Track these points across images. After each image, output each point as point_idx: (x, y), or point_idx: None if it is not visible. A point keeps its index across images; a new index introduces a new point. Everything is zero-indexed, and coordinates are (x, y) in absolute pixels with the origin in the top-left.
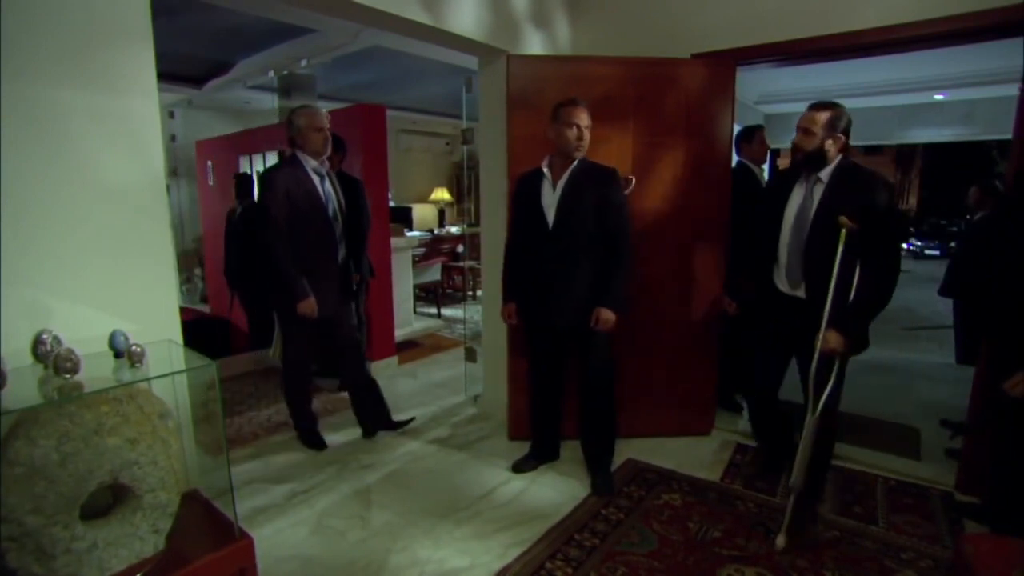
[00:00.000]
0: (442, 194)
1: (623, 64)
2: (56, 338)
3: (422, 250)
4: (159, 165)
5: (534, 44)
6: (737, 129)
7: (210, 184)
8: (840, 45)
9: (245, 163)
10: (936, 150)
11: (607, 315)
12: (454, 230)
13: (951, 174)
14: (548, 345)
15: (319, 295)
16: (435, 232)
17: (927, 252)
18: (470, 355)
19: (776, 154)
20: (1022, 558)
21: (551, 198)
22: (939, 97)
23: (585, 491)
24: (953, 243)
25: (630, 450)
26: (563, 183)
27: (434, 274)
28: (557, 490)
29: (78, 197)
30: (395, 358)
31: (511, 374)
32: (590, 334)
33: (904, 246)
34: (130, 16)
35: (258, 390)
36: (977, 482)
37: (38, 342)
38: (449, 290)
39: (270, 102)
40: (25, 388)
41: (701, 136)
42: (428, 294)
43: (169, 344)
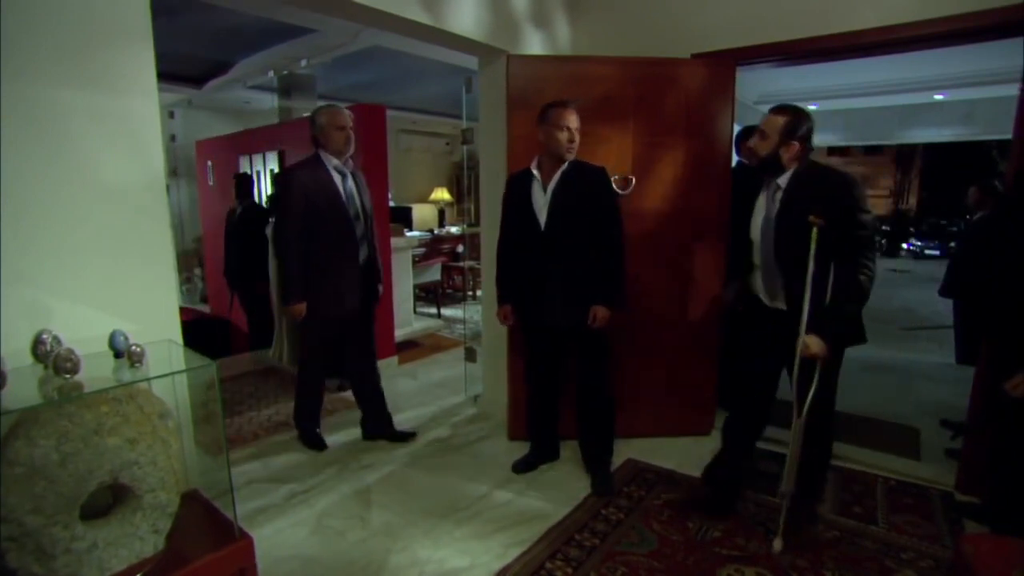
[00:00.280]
0: (442, 194)
1: (623, 64)
2: (56, 338)
3: (422, 250)
4: (159, 165)
5: (534, 44)
6: (737, 129)
7: (210, 184)
8: (840, 45)
9: (245, 163)
10: (936, 150)
11: (604, 312)
12: (454, 230)
13: (951, 174)
14: (545, 345)
15: (337, 295)
16: (435, 232)
17: (927, 252)
18: (470, 355)
19: None
20: (1022, 558)
21: (542, 200)
22: (939, 97)
23: (585, 491)
24: (953, 243)
25: (630, 450)
26: (554, 185)
27: (434, 274)
28: (557, 490)
29: (78, 197)
30: (395, 358)
31: (511, 374)
32: (586, 334)
33: (904, 246)
34: (130, 16)
35: (258, 390)
36: (977, 482)
37: (38, 342)
38: (449, 290)
39: (270, 102)
40: (25, 388)
41: (701, 136)
42: (428, 294)
43: (169, 344)
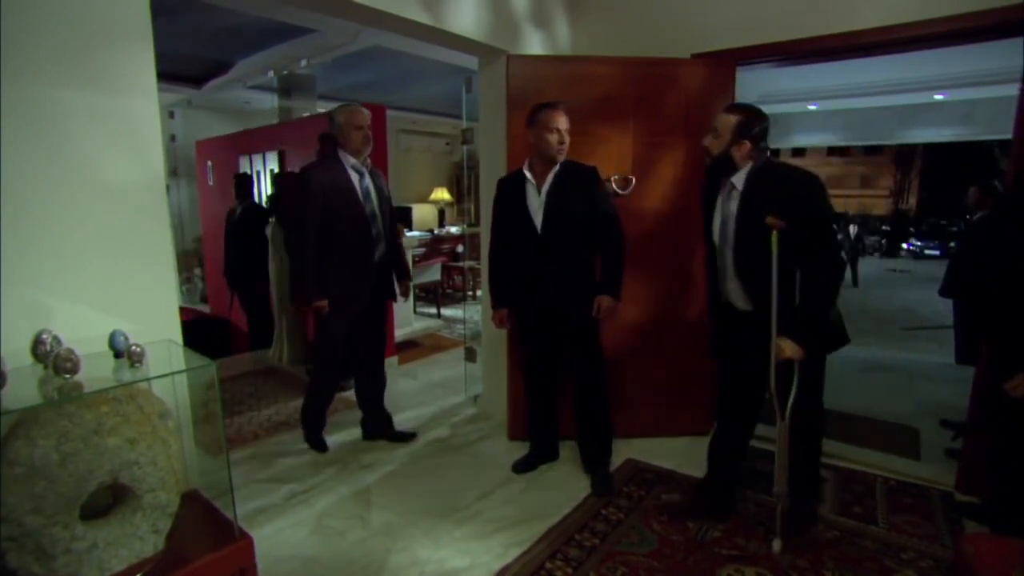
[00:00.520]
0: (442, 194)
1: (623, 64)
2: (56, 338)
3: (422, 250)
4: (159, 165)
5: (534, 44)
6: None
7: (210, 184)
8: (840, 45)
9: (245, 163)
10: (936, 150)
11: (609, 302)
12: (454, 230)
13: (951, 174)
14: (543, 345)
15: (353, 294)
16: (435, 232)
17: (927, 252)
18: (470, 355)
19: (776, 154)
20: (1022, 558)
21: (537, 202)
22: (939, 97)
23: (585, 491)
24: (953, 243)
25: (630, 450)
26: (548, 186)
27: (434, 274)
28: (557, 490)
29: (78, 197)
30: (395, 358)
31: (511, 374)
32: (582, 333)
33: (904, 246)
34: (130, 16)
35: (258, 390)
36: (977, 482)
37: (38, 342)
38: (449, 290)
39: (270, 102)
40: (25, 388)
41: (701, 136)
42: (428, 294)
43: (169, 344)
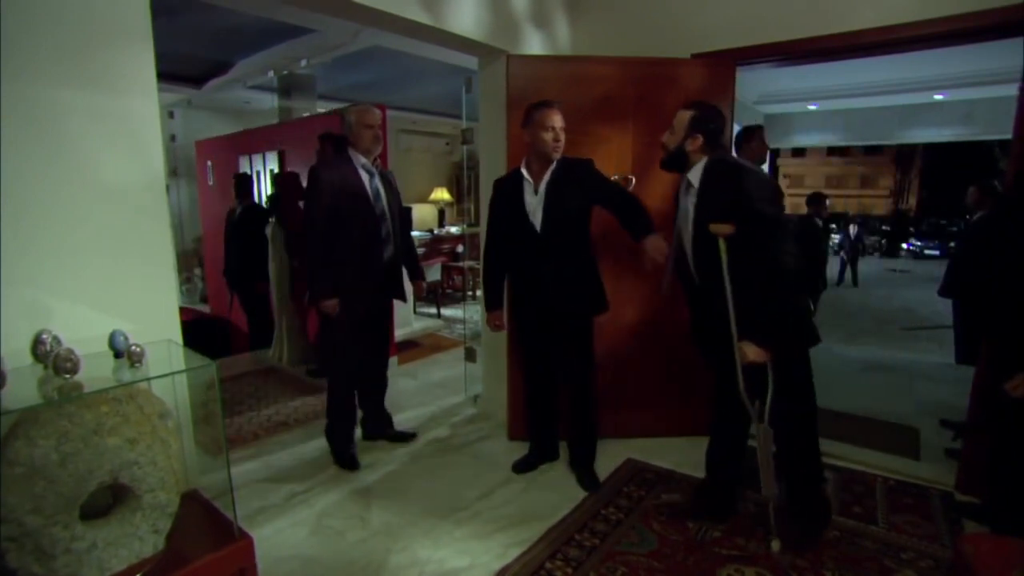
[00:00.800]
0: (442, 194)
1: (623, 64)
2: (56, 338)
3: (422, 250)
4: (159, 165)
5: (534, 44)
6: (737, 129)
7: (210, 184)
8: (840, 45)
9: (245, 163)
10: (936, 150)
11: (655, 239)
12: (454, 230)
13: (951, 174)
14: (542, 345)
15: (360, 293)
16: (435, 232)
17: (927, 252)
18: (470, 355)
19: (776, 154)
20: (1022, 558)
21: (535, 201)
22: (939, 97)
23: (585, 491)
24: (953, 243)
25: (630, 450)
26: (545, 184)
27: (434, 274)
28: (557, 490)
29: (78, 197)
30: (395, 358)
31: (511, 374)
32: (578, 332)
33: (904, 246)
34: (130, 16)
35: (258, 390)
36: (977, 482)
37: (38, 342)
38: (449, 290)
39: (270, 102)
40: (25, 388)
41: None
42: (428, 294)
43: (169, 344)
